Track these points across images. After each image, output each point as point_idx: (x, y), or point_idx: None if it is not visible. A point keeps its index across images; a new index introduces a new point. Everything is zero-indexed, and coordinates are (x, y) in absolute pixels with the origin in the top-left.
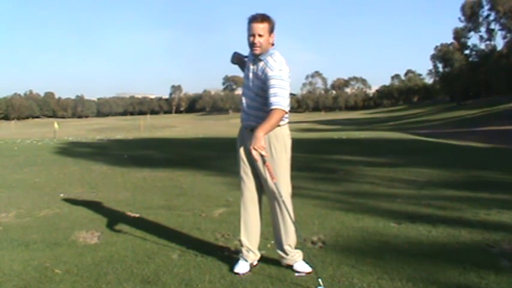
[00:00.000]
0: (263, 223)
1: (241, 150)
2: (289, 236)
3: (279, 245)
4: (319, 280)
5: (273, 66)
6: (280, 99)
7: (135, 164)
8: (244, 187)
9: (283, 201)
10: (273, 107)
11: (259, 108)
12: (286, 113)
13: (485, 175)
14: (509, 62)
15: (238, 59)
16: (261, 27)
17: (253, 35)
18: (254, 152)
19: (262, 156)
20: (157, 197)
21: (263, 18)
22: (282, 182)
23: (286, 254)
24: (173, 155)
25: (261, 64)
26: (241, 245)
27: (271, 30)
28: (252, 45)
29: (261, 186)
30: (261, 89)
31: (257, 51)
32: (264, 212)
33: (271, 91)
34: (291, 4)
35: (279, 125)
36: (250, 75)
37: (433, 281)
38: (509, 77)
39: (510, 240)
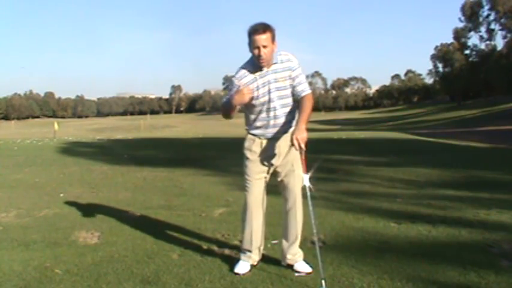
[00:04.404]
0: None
1: (257, 157)
2: (300, 234)
3: (293, 242)
4: (322, 281)
5: (291, 58)
6: (306, 85)
7: (135, 164)
8: (251, 192)
9: (300, 197)
10: (304, 94)
11: (291, 111)
12: None
13: (485, 175)
14: (509, 62)
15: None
16: (264, 39)
17: (258, 48)
18: (296, 143)
19: (301, 148)
20: (157, 197)
21: (264, 28)
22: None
23: (297, 251)
24: (173, 155)
25: (278, 66)
26: (246, 247)
27: (273, 39)
28: (258, 58)
29: (266, 191)
30: (290, 87)
31: (264, 63)
32: (264, 212)
33: (298, 80)
34: (291, 4)
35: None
36: (272, 85)
37: (433, 281)
38: (509, 77)
39: (510, 240)
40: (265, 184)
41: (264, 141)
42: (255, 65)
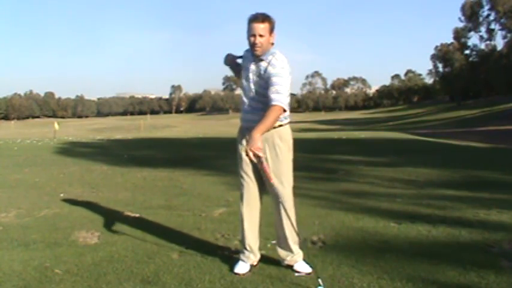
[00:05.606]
0: (263, 223)
1: (241, 150)
2: (293, 235)
3: (284, 244)
4: (319, 280)
5: (276, 64)
6: (280, 96)
7: (135, 164)
8: (244, 188)
9: (284, 201)
10: (273, 103)
11: (261, 108)
12: (285, 111)
13: (485, 175)
14: (509, 62)
15: (231, 61)
16: (261, 27)
17: (254, 35)
18: (251, 154)
19: (259, 157)
20: (157, 197)
21: (264, 18)
22: (286, 181)
23: (292, 252)
24: (173, 155)
25: (263, 64)
26: (242, 246)
27: (271, 30)
28: (253, 45)
29: (262, 186)
30: (264, 89)
31: (258, 51)
32: (265, 212)
33: (272, 88)
34: (290, 3)
35: (281, 125)
36: (251, 75)
37: (433, 281)
38: (509, 77)
39: (510, 240)
40: (260, 180)
41: (245, 133)
42: (250, 52)
